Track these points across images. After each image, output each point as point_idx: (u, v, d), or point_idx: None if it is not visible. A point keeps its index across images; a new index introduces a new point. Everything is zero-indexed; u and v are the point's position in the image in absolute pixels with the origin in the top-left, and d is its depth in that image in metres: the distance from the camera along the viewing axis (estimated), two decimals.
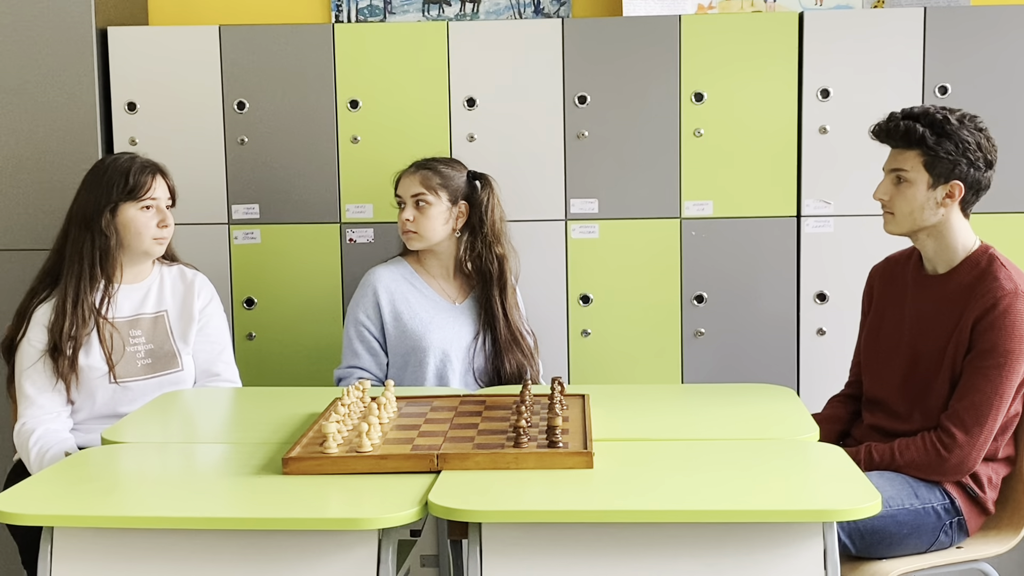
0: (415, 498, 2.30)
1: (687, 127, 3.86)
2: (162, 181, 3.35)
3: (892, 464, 3.01)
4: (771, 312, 3.93)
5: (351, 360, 3.57)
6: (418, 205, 3.55)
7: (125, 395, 3.27)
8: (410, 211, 3.56)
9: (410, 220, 3.55)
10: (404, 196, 3.58)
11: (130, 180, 3.27)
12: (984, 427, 2.94)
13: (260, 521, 2.28)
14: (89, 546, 2.32)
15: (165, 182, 3.36)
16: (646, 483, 2.42)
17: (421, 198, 3.54)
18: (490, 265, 3.60)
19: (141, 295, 3.38)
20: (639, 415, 2.96)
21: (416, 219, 3.55)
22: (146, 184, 3.29)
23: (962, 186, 2.99)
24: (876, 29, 3.82)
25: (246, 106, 3.92)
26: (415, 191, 3.55)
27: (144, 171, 3.31)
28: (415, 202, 3.55)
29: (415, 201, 3.55)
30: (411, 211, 3.55)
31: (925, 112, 3.03)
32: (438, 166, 3.59)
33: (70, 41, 3.85)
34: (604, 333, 3.96)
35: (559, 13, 4.34)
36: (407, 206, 3.57)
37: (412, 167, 3.61)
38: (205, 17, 4.38)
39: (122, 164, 3.32)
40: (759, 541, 2.26)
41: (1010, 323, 2.92)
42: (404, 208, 3.58)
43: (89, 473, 2.59)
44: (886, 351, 3.19)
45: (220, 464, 2.67)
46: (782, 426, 2.84)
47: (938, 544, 2.99)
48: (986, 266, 3.01)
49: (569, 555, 2.28)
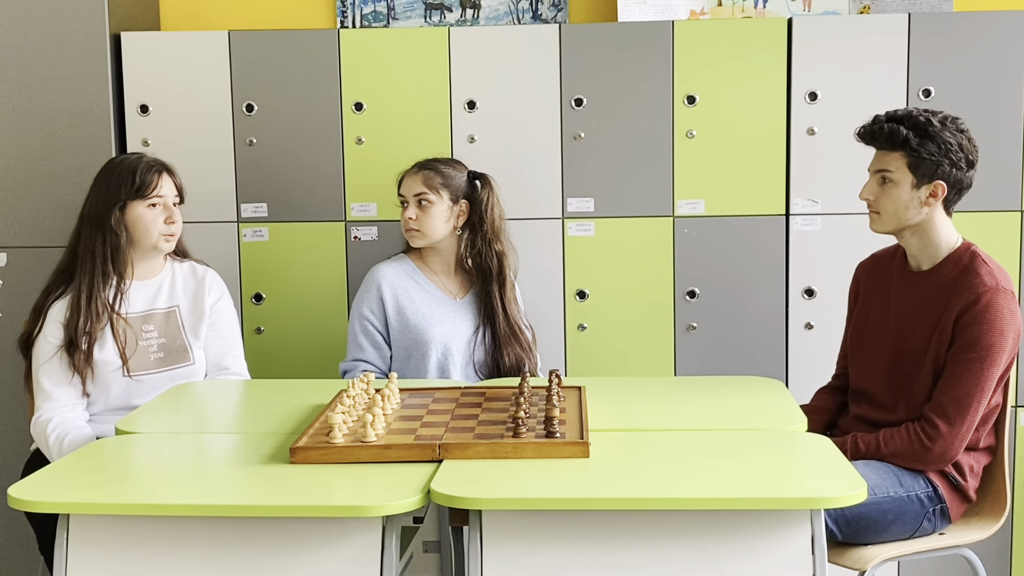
0: (418, 486, 2.33)
1: (680, 129, 3.87)
2: (169, 179, 3.37)
3: (877, 453, 3.05)
4: (761, 307, 3.93)
5: (356, 353, 3.60)
6: (420, 204, 3.57)
7: (138, 388, 3.31)
8: (412, 210, 3.59)
9: (412, 219, 3.58)
10: (407, 195, 3.61)
11: (137, 179, 3.31)
12: (966, 418, 2.98)
13: (268, 508, 2.32)
14: (104, 533, 2.36)
15: (172, 180, 3.39)
16: (640, 471, 2.45)
17: (423, 197, 3.57)
18: (490, 262, 3.62)
19: (153, 291, 3.41)
20: (633, 406, 2.99)
21: (418, 217, 3.58)
22: (153, 182, 3.32)
23: (945, 186, 3.02)
24: (862, 34, 3.81)
25: (254, 108, 3.92)
26: (417, 190, 3.58)
27: (151, 170, 3.34)
28: (417, 201, 3.58)
29: (417, 200, 3.58)
30: (413, 210, 3.59)
31: (908, 115, 3.05)
32: (439, 166, 3.63)
33: (85, 46, 3.85)
34: (599, 327, 3.97)
35: (556, 19, 4.32)
36: (410, 205, 3.60)
37: (414, 167, 3.64)
38: (215, 23, 4.35)
39: (130, 164, 3.35)
40: (749, 527, 2.30)
41: (991, 318, 2.96)
42: (407, 207, 3.60)
43: (103, 462, 2.62)
44: (872, 345, 3.22)
45: (230, 453, 2.70)
46: (771, 417, 2.87)
47: (921, 531, 3.04)
48: (968, 263, 3.05)
49: (566, 541, 2.31)
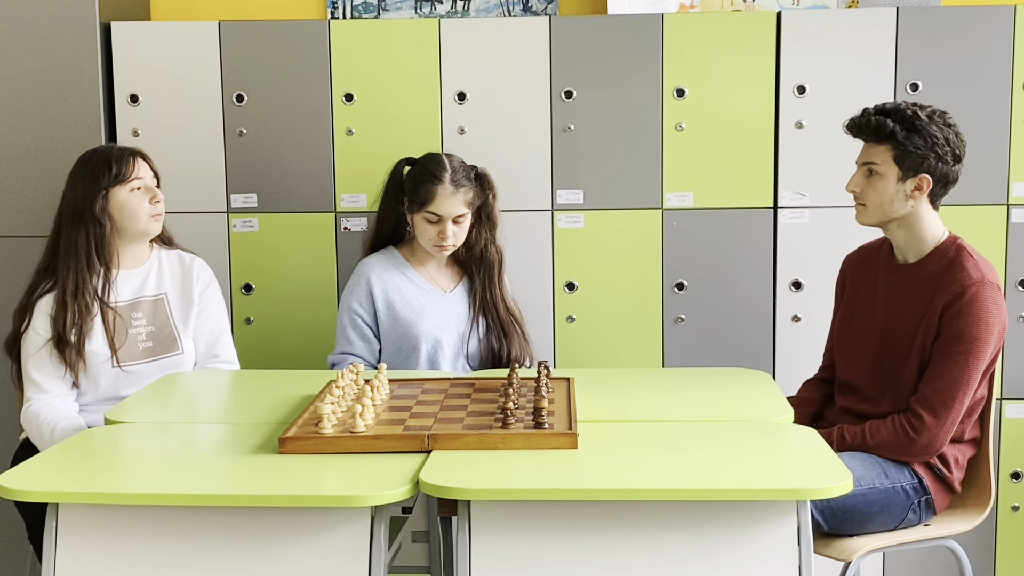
0: (407, 477, 2.34)
1: (669, 121, 3.87)
2: (143, 163, 3.37)
3: (863, 445, 3.07)
4: (748, 299, 3.94)
5: (344, 346, 3.58)
6: (456, 221, 3.53)
7: (128, 378, 3.31)
8: (451, 227, 3.50)
9: (451, 236, 3.51)
10: (444, 215, 3.49)
11: (114, 166, 3.30)
12: (951, 410, 3.00)
13: (257, 499, 2.32)
14: (93, 522, 2.36)
15: (147, 164, 3.39)
16: (628, 462, 2.45)
17: (461, 217, 3.53)
18: (492, 257, 3.61)
19: (141, 279, 3.41)
20: (622, 398, 3.00)
21: (456, 234, 3.52)
22: (130, 165, 3.32)
23: (930, 179, 3.04)
24: (850, 28, 3.82)
25: (245, 99, 3.91)
26: (460, 212, 3.51)
27: (124, 155, 3.34)
28: (454, 219, 3.52)
29: (455, 219, 3.52)
30: (452, 227, 3.50)
31: (896, 108, 3.07)
32: (468, 184, 3.53)
33: (75, 36, 3.85)
34: (588, 319, 3.97)
35: (546, 11, 4.33)
36: (445, 222, 3.51)
37: (451, 184, 3.50)
38: (205, 13, 4.35)
39: (103, 154, 3.35)
40: (736, 518, 2.31)
41: (977, 310, 2.98)
42: (438, 222, 3.51)
43: (93, 452, 2.61)
44: (858, 337, 3.24)
45: (219, 443, 2.70)
46: (758, 408, 2.88)
47: (907, 522, 3.06)
48: (954, 256, 3.06)
49: (554, 531, 2.32)
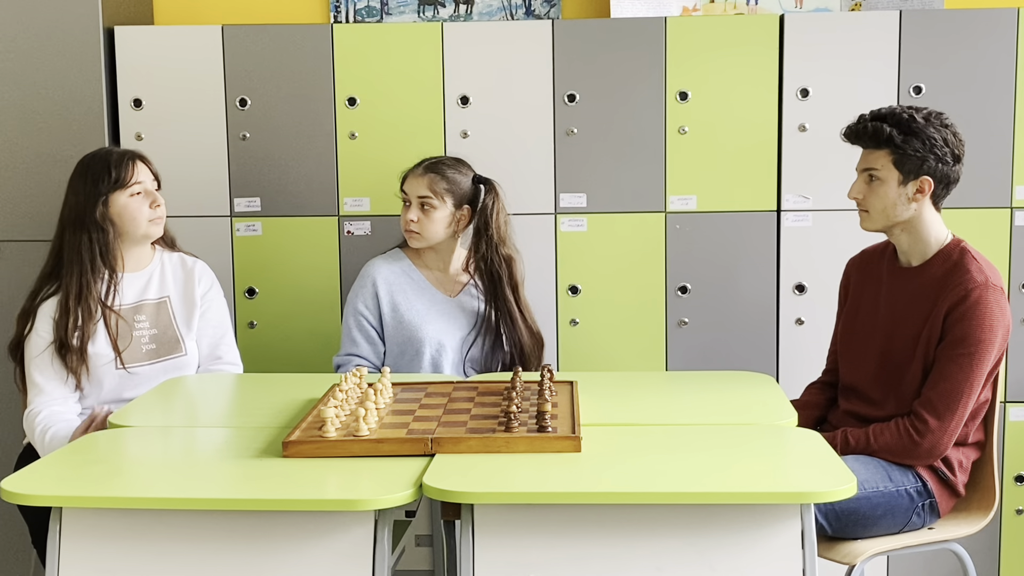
0: (410, 480, 2.34)
1: (672, 124, 3.87)
2: (143, 166, 3.37)
3: (867, 448, 3.06)
4: (752, 302, 3.94)
5: (349, 348, 3.59)
6: (423, 207, 3.54)
7: (131, 380, 3.31)
8: (415, 212, 3.55)
9: (414, 221, 3.55)
10: (410, 196, 3.56)
11: (113, 171, 3.30)
12: (955, 413, 2.99)
13: (261, 502, 2.31)
14: (97, 526, 2.36)
15: (147, 167, 3.39)
16: (632, 466, 2.45)
17: (426, 201, 3.53)
18: (498, 267, 3.58)
19: (144, 282, 3.41)
20: (625, 401, 3.00)
21: (420, 220, 3.55)
22: (129, 170, 3.32)
23: (931, 181, 3.04)
24: (853, 31, 3.83)
25: (248, 103, 3.92)
26: (421, 193, 3.54)
27: (123, 159, 3.34)
28: (420, 204, 3.54)
29: (420, 203, 3.54)
30: (416, 212, 3.55)
31: (892, 112, 3.08)
32: (446, 171, 3.58)
33: (78, 40, 3.86)
34: (592, 322, 3.97)
35: (549, 15, 4.35)
36: (412, 206, 3.56)
37: (421, 168, 3.59)
38: (208, 17, 4.36)
39: (102, 158, 3.35)
40: (739, 521, 2.31)
41: (981, 314, 2.97)
42: (408, 206, 3.57)
43: (96, 456, 2.62)
44: (862, 340, 3.24)
45: (222, 447, 2.70)
46: (762, 412, 2.89)
47: (910, 525, 3.05)
48: (958, 258, 3.06)
49: (557, 535, 2.32)
